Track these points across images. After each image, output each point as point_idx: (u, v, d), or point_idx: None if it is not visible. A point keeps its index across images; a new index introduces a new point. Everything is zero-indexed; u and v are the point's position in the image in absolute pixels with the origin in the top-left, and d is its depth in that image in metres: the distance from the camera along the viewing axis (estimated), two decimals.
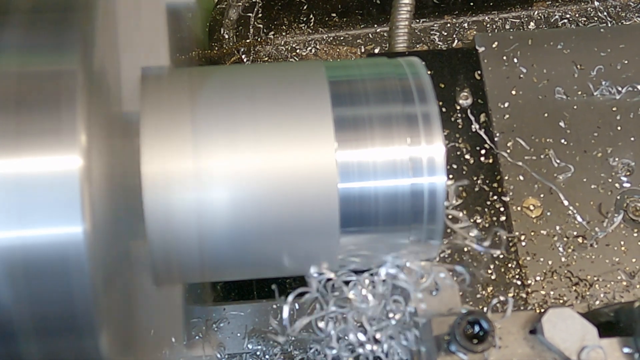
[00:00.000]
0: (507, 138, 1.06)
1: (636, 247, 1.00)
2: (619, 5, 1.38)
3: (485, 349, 0.68)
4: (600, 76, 1.10)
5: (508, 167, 1.04)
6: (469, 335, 0.69)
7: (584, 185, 1.04)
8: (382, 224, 0.71)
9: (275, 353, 0.98)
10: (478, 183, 1.02)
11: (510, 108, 1.09)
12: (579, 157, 1.05)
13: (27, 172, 0.54)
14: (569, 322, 0.70)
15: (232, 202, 0.68)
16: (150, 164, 0.67)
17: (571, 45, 1.13)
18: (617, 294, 0.97)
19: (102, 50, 0.60)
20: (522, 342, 0.71)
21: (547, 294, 0.97)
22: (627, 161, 1.05)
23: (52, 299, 0.55)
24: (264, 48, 1.33)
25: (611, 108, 1.09)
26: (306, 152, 0.69)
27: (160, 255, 0.69)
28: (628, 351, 0.71)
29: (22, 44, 0.58)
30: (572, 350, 0.69)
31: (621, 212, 1.01)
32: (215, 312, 1.00)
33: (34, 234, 0.54)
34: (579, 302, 0.96)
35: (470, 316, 0.69)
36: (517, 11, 1.39)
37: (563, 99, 1.09)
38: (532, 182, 1.03)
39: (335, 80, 0.73)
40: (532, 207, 1.02)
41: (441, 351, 0.69)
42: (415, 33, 1.37)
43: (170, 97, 0.70)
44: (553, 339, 0.70)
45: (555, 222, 1.01)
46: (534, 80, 1.11)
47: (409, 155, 0.70)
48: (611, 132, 1.07)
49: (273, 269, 0.78)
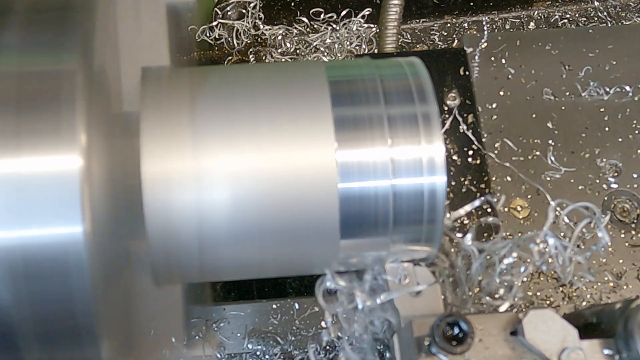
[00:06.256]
0: (495, 139, 1.06)
1: (623, 248, 1.00)
2: (619, 5, 1.38)
3: (465, 350, 0.68)
4: (588, 77, 1.11)
5: (496, 168, 1.04)
6: (449, 336, 0.69)
7: (571, 186, 1.04)
8: (382, 224, 0.71)
9: (275, 353, 0.98)
10: (465, 184, 1.02)
11: (498, 109, 1.09)
12: (567, 158, 1.06)
13: (27, 172, 0.54)
14: (549, 324, 0.70)
15: (232, 201, 0.68)
16: (150, 164, 0.67)
17: (559, 46, 1.14)
18: (604, 295, 0.97)
19: (102, 50, 0.60)
20: (503, 343, 0.71)
21: (533, 294, 0.97)
22: (614, 162, 1.05)
23: (52, 299, 0.55)
24: (263, 48, 1.33)
25: (599, 109, 1.09)
26: (306, 152, 0.69)
27: (160, 255, 0.69)
28: (609, 353, 0.70)
29: (22, 44, 0.58)
30: (552, 351, 0.69)
31: (608, 213, 1.01)
32: (215, 312, 1.00)
33: (34, 234, 0.54)
34: (565, 303, 0.96)
35: (450, 318, 0.69)
36: (517, 11, 1.39)
37: (551, 100, 1.10)
38: (520, 183, 1.03)
39: (335, 80, 0.73)
40: (520, 208, 1.02)
41: (422, 353, 0.69)
42: (415, 33, 1.37)
43: (170, 97, 0.70)
44: (534, 341, 0.70)
45: (543, 223, 1.00)
46: (522, 81, 1.11)
47: (409, 155, 0.70)
48: (599, 133, 1.07)
49: (273, 269, 0.78)
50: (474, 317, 0.71)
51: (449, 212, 0.93)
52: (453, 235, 0.86)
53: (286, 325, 0.99)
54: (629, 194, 1.04)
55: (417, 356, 0.70)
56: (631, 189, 1.04)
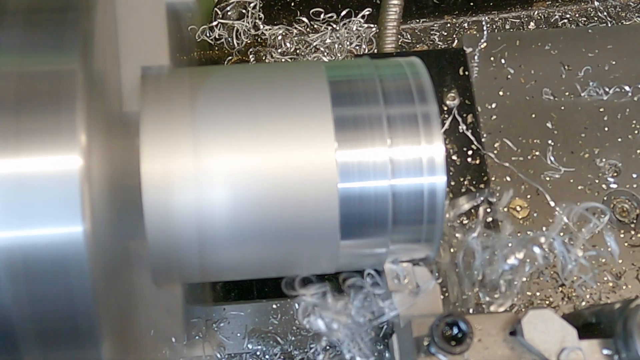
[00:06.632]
0: (494, 139, 1.06)
1: (622, 248, 1.00)
2: (619, 5, 1.38)
3: (464, 350, 0.68)
4: (587, 77, 1.11)
5: (495, 168, 1.04)
6: (448, 336, 0.69)
7: (571, 186, 1.04)
8: (382, 224, 0.71)
9: (275, 353, 0.98)
10: (465, 184, 1.02)
11: (498, 109, 1.09)
12: (566, 158, 1.05)
13: (27, 172, 0.54)
14: (548, 324, 0.70)
15: (232, 201, 0.68)
16: (150, 164, 0.67)
17: (559, 46, 1.14)
18: (603, 295, 0.97)
19: (102, 50, 0.60)
20: (502, 343, 0.71)
21: (533, 294, 0.97)
22: (614, 162, 1.05)
23: (52, 298, 0.55)
24: (263, 48, 1.33)
25: (599, 109, 1.09)
26: (306, 152, 0.69)
27: (160, 255, 0.69)
28: (608, 353, 0.70)
29: (21, 44, 0.58)
30: (551, 351, 0.69)
31: (608, 213, 1.01)
32: (215, 312, 1.00)
33: (34, 234, 0.54)
34: (565, 303, 0.96)
35: (449, 318, 0.69)
36: (517, 11, 1.39)
37: (550, 100, 1.10)
38: (519, 183, 1.03)
39: (335, 80, 0.73)
40: (519, 208, 1.02)
41: (421, 353, 0.69)
42: (415, 33, 1.37)
43: (170, 97, 0.70)
44: (533, 341, 0.70)
45: (542, 223, 1.01)
46: (521, 81, 1.11)
47: (409, 155, 0.70)
48: (598, 133, 1.07)
49: (273, 269, 0.78)
50: (473, 317, 0.71)
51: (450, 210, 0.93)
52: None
53: (286, 325, 0.99)
54: (628, 194, 1.04)
55: (416, 356, 0.70)
56: (630, 189, 1.04)
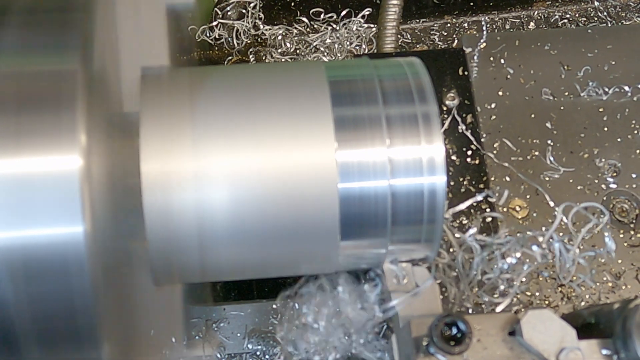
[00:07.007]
0: (494, 139, 1.07)
1: (622, 248, 1.00)
2: (619, 5, 1.38)
3: (463, 350, 0.68)
4: (587, 77, 1.11)
5: (494, 168, 1.05)
6: (447, 337, 0.69)
7: (570, 186, 1.04)
8: (382, 224, 0.71)
9: (275, 353, 0.98)
10: (464, 184, 1.02)
11: (497, 109, 1.09)
12: (566, 158, 1.06)
13: (27, 172, 0.54)
14: (547, 324, 0.70)
15: (231, 202, 0.68)
16: (150, 164, 0.67)
17: (558, 46, 1.14)
18: (603, 295, 0.97)
19: (102, 50, 0.60)
20: (501, 343, 0.71)
21: (532, 294, 0.97)
22: (613, 162, 1.05)
23: (52, 299, 0.55)
24: (263, 48, 1.33)
25: (598, 109, 1.09)
26: (306, 152, 0.69)
27: (160, 255, 0.69)
28: (607, 353, 0.70)
29: (22, 44, 0.58)
30: (550, 351, 0.69)
31: (607, 213, 1.01)
32: (215, 312, 1.00)
33: (34, 234, 0.54)
34: (564, 303, 0.96)
35: (448, 318, 0.69)
36: (517, 11, 1.39)
37: (550, 100, 1.10)
38: (519, 183, 1.04)
39: (335, 80, 0.73)
40: (519, 208, 1.02)
41: (420, 353, 0.69)
42: (415, 33, 1.37)
43: (170, 97, 0.70)
44: (532, 341, 0.70)
45: (542, 223, 1.01)
46: (520, 81, 1.11)
47: (408, 155, 0.70)
48: (598, 133, 1.08)
49: (273, 269, 0.78)
50: (472, 317, 0.71)
51: None
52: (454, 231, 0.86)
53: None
54: (627, 194, 1.04)
55: (415, 356, 0.70)
56: (630, 189, 1.04)
